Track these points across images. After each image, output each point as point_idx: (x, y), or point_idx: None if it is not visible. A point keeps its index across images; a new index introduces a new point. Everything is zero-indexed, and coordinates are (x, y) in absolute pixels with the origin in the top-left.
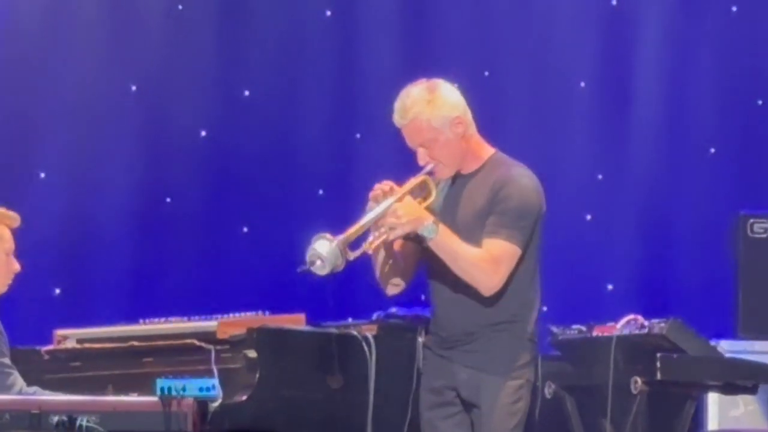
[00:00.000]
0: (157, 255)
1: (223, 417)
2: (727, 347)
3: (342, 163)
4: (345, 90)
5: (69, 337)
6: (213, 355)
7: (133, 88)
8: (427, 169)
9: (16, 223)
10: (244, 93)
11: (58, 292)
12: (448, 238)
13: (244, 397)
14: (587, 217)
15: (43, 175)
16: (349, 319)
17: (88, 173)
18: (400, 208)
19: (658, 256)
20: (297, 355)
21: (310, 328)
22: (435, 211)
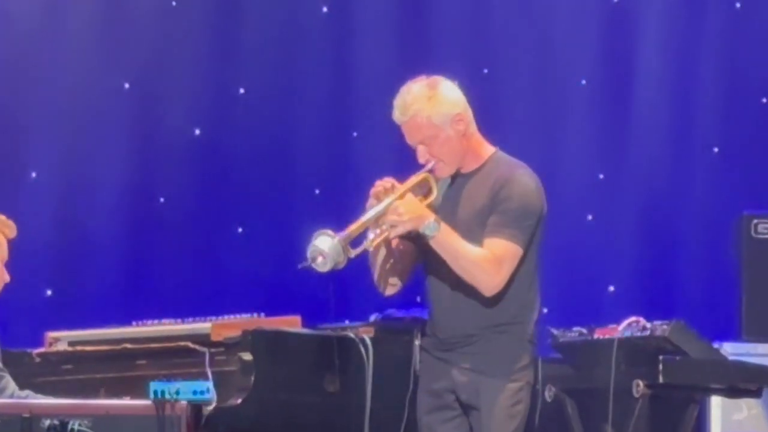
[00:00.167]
0: (151, 256)
1: (218, 421)
2: (731, 350)
3: (339, 162)
4: (342, 88)
5: (61, 340)
6: (207, 358)
7: (125, 85)
8: (428, 167)
9: (12, 234)
10: (239, 91)
11: (49, 293)
12: (450, 237)
13: (239, 401)
14: (588, 218)
15: (34, 174)
16: (346, 321)
17: (80, 172)
18: (402, 205)
19: (661, 256)
20: (293, 358)
21: (307, 331)
22: (435, 210)
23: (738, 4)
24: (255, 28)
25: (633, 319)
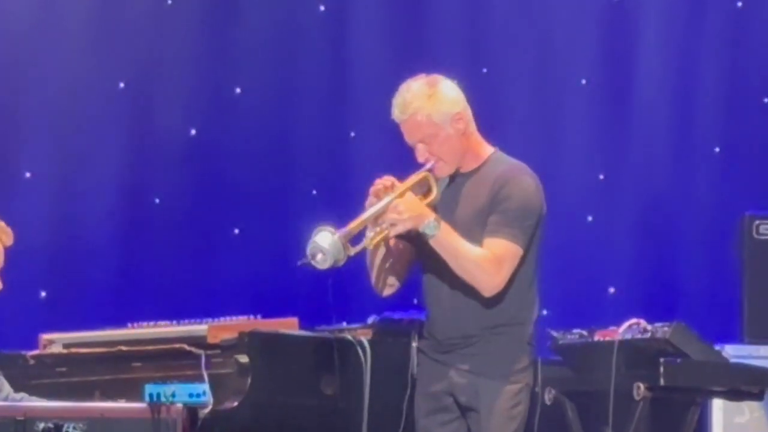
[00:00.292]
0: (146, 257)
1: (214, 424)
2: (732, 352)
3: (336, 163)
4: (339, 87)
5: (55, 342)
6: (203, 360)
7: (120, 85)
8: (428, 166)
9: (9, 241)
10: (236, 90)
11: (43, 295)
12: (450, 236)
13: (236, 403)
14: (588, 218)
15: (28, 174)
16: (344, 323)
17: (75, 173)
18: (402, 204)
19: (661, 258)
20: (290, 360)
21: (304, 333)
22: (434, 209)
23: (739, 4)
24: (251, 27)
25: (633, 320)
